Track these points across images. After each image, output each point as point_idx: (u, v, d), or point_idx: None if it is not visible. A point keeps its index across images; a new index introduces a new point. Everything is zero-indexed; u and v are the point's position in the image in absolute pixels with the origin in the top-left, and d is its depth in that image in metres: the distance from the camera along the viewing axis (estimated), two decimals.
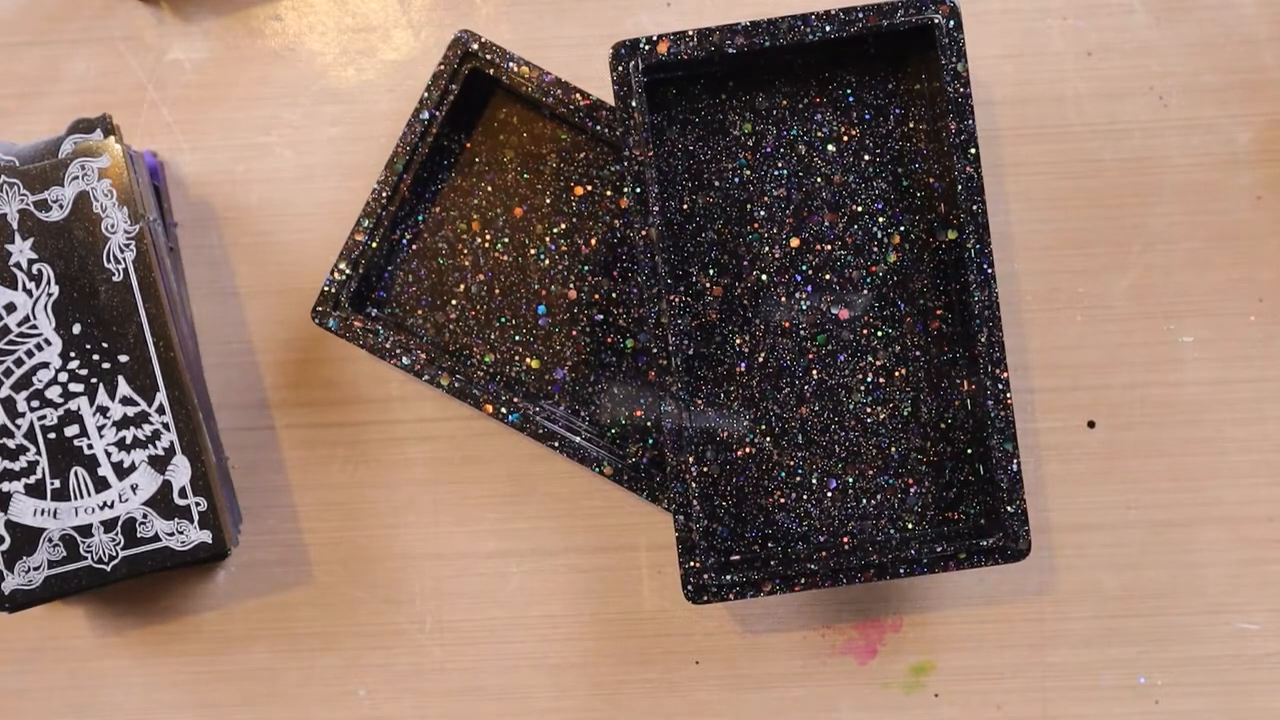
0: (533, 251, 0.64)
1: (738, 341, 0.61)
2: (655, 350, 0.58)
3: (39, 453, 0.59)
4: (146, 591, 0.65)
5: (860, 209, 0.61)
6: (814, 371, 0.61)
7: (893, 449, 0.61)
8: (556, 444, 0.61)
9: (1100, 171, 0.64)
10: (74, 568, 0.59)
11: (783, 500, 0.61)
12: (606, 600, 0.64)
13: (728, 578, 0.58)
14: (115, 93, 0.66)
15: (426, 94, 0.62)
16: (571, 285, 0.64)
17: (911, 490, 0.61)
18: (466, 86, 0.62)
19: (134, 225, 0.59)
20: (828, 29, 0.58)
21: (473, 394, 0.61)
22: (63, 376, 0.59)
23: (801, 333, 0.61)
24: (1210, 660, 0.64)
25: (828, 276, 0.61)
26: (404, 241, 0.64)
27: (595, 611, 0.64)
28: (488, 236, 0.64)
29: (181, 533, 0.59)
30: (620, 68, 0.58)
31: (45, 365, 0.59)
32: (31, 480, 0.59)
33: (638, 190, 0.58)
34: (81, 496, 0.59)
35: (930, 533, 0.60)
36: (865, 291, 0.61)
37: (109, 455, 0.59)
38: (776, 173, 0.61)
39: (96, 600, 0.65)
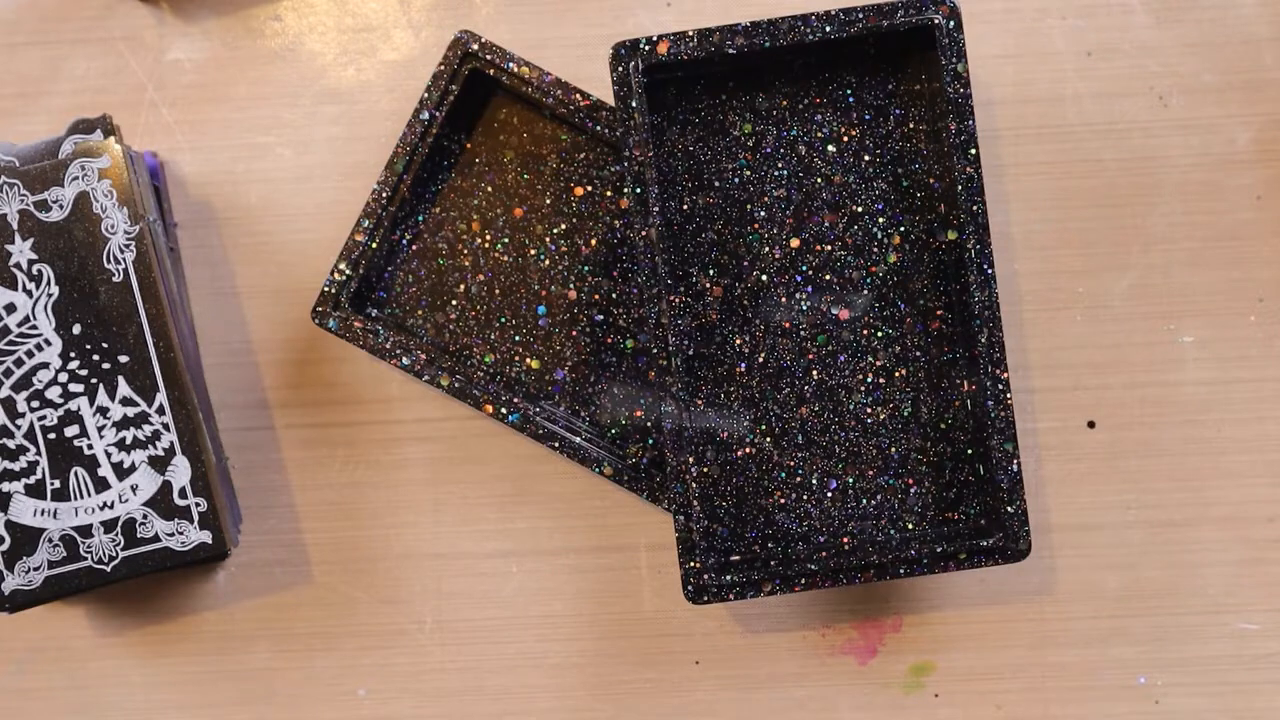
0: (533, 252, 0.64)
1: (738, 342, 0.61)
2: (655, 350, 0.58)
3: (39, 453, 0.59)
4: (146, 591, 0.65)
5: (860, 209, 0.61)
6: (814, 372, 0.61)
7: (893, 449, 0.61)
8: (556, 444, 0.61)
9: (1100, 171, 0.64)
10: (74, 568, 0.59)
11: (783, 500, 0.61)
12: (606, 600, 0.64)
13: (728, 578, 0.58)
14: (115, 93, 0.66)
15: (426, 94, 0.62)
16: (571, 285, 0.64)
17: (911, 490, 0.61)
18: (466, 86, 0.62)
19: (134, 226, 0.59)
20: (828, 29, 0.58)
21: (473, 394, 0.61)
22: (63, 377, 0.59)
23: (801, 333, 0.61)
24: (1210, 660, 0.64)
25: (828, 277, 0.61)
26: (404, 242, 0.64)
27: (595, 611, 0.64)
28: (488, 237, 0.64)
29: (181, 533, 0.59)
30: (620, 68, 0.58)
31: (45, 365, 0.59)
32: (31, 480, 0.59)
33: (638, 191, 0.58)
34: (81, 497, 0.59)
35: (930, 533, 0.60)
36: (865, 292, 0.61)
37: (109, 455, 0.59)
38: (776, 173, 0.61)
39: (96, 600, 0.65)
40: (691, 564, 0.58)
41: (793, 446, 0.61)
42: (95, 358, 0.59)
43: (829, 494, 0.61)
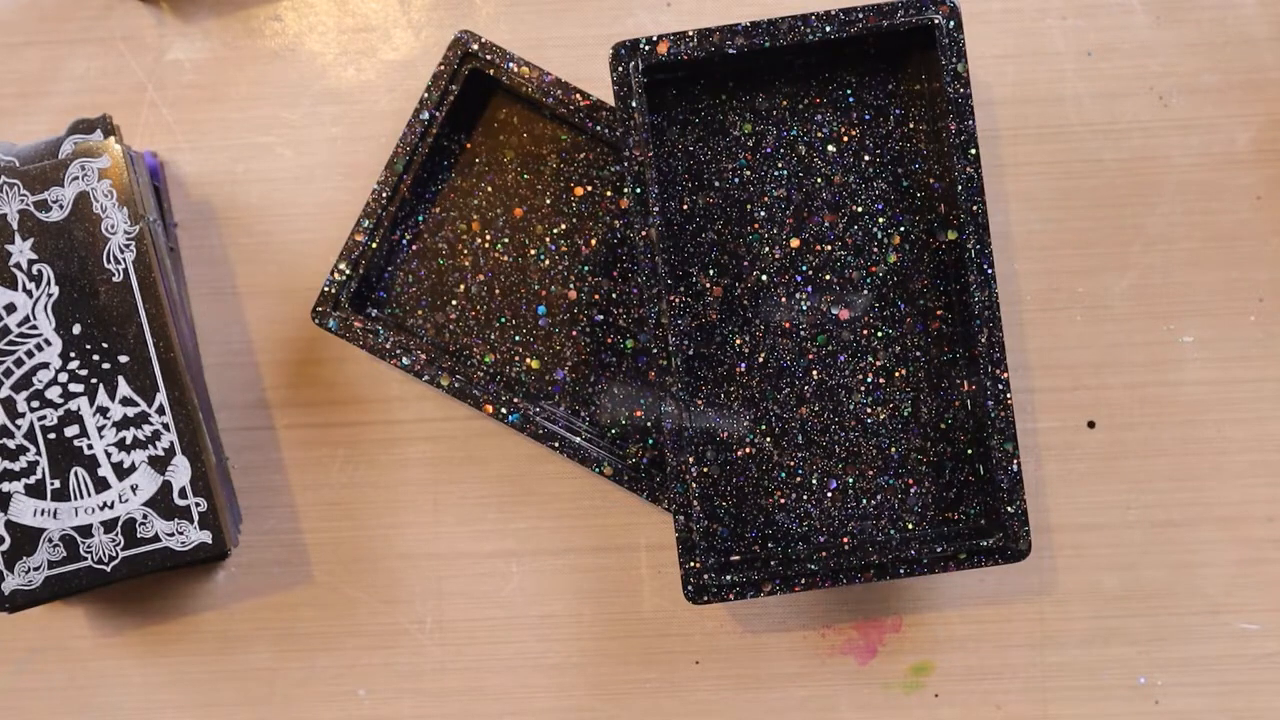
0: (533, 252, 0.64)
1: (738, 341, 0.61)
2: (655, 350, 0.58)
3: (39, 453, 0.59)
4: (146, 591, 0.65)
5: (860, 209, 0.61)
6: (814, 372, 0.61)
7: (893, 449, 0.61)
8: (556, 444, 0.61)
9: (1100, 171, 0.64)
10: (74, 568, 0.59)
11: (783, 500, 0.61)
12: (606, 600, 0.64)
13: (728, 578, 0.58)
14: (115, 93, 0.66)
15: (426, 94, 0.62)
16: (571, 285, 0.64)
17: (911, 490, 0.61)
18: (466, 86, 0.62)
19: (134, 225, 0.59)
20: (828, 29, 0.58)
21: (473, 394, 0.61)
22: (63, 377, 0.59)
23: (801, 333, 0.61)
24: (1210, 660, 0.64)
25: (828, 277, 0.61)
26: (404, 241, 0.64)
27: (595, 611, 0.64)
28: (488, 236, 0.64)
29: (181, 533, 0.59)
30: (620, 68, 0.58)
31: (45, 365, 0.59)
32: (31, 480, 0.59)
33: (638, 190, 0.58)
34: (81, 497, 0.59)
35: (930, 533, 0.60)
36: (865, 292, 0.61)
37: (109, 455, 0.59)
38: (776, 173, 0.61)
39: (96, 600, 0.65)
40: (691, 564, 0.58)
41: (793, 446, 0.61)
42: (95, 358, 0.59)
43: (829, 494, 0.61)
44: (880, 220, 0.61)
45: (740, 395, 0.61)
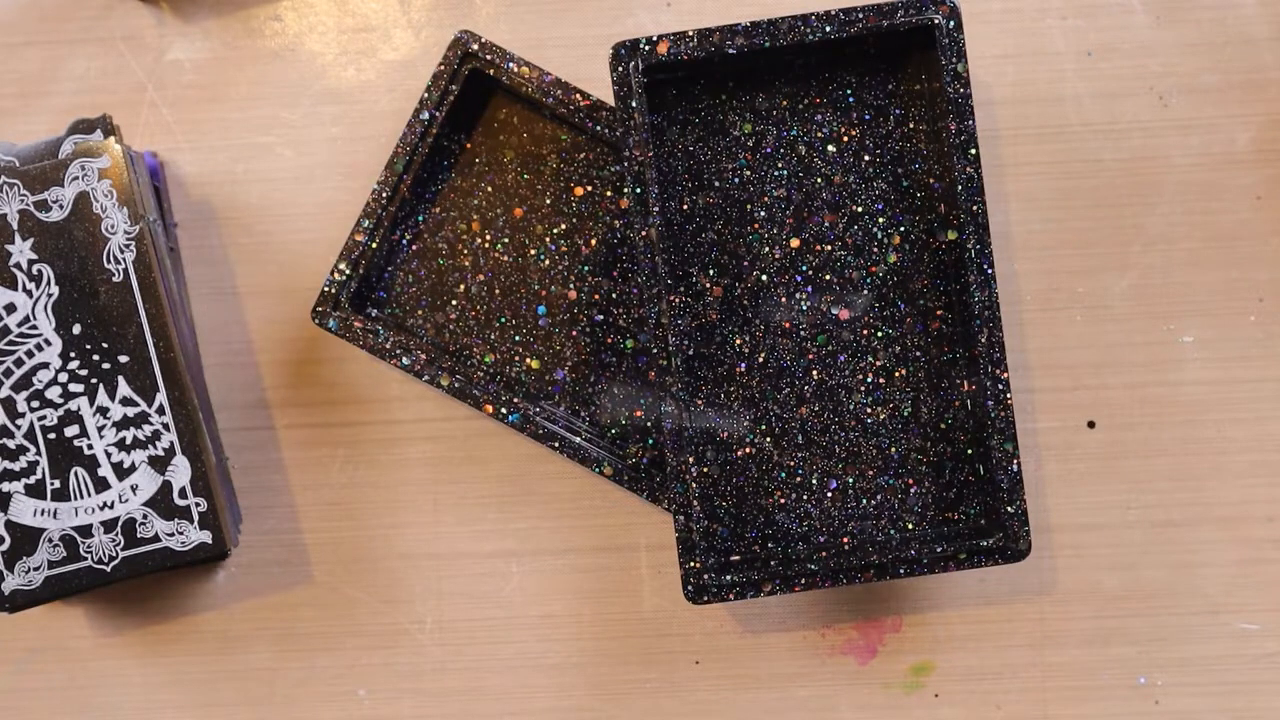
0: (533, 252, 0.64)
1: (738, 341, 0.61)
2: (655, 350, 0.58)
3: (39, 453, 0.59)
4: (146, 591, 0.65)
5: (860, 209, 0.61)
6: (814, 372, 0.61)
7: (893, 449, 0.61)
8: (556, 444, 0.61)
9: (1100, 171, 0.64)
10: (74, 568, 0.59)
11: (783, 500, 0.61)
12: (606, 600, 0.64)
13: (728, 578, 0.58)
14: (115, 93, 0.66)
15: (426, 94, 0.62)
16: (571, 285, 0.64)
17: (911, 490, 0.61)
18: (466, 86, 0.62)
19: (134, 226, 0.59)
20: (828, 29, 0.58)
21: (473, 394, 0.61)
22: (63, 377, 0.59)
23: (801, 333, 0.61)
24: (1210, 660, 0.64)
25: (828, 277, 0.61)
26: (404, 241, 0.64)
27: (595, 611, 0.64)
28: (488, 236, 0.64)
29: (181, 533, 0.59)
30: (620, 68, 0.58)
31: (45, 365, 0.59)
32: (31, 480, 0.59)
33: (638, 190, 0.58)
34: (81, 497, 0.59)
35: (930, 533, 0.60)
36: (865, 292, 0.61)
37: (109, 455, 0.59)
38: (776, 173, 0.61)
39: (96, 600, 0.65)
40: (691, 564, 0.58)
41: (793, 446, 0.61)
42: (95, 358, 0.59)
43: (829, 494, 0.61)
44: (880, 220, 0.61)
45: (740, 395, 0.61)
